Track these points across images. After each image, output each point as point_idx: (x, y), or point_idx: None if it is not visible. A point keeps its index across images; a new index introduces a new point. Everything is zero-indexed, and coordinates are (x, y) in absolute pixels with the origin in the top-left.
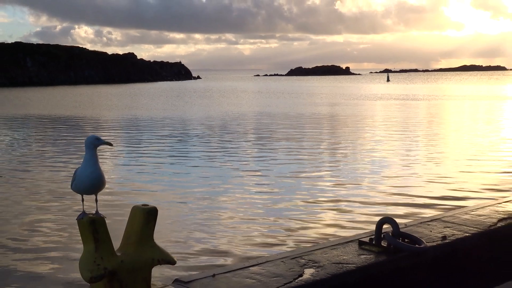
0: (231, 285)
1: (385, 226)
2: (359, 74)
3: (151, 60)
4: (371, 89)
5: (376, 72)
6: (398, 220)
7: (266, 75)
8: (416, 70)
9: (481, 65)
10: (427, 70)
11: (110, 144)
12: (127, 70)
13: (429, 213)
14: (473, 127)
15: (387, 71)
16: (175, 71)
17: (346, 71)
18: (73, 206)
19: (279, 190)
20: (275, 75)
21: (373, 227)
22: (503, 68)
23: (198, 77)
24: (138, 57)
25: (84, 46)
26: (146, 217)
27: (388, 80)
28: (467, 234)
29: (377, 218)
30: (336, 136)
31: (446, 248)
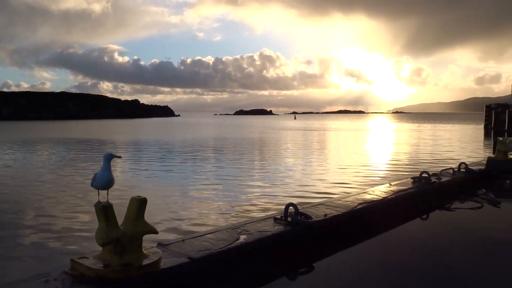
0: (194, 246)
1: (290, 208)
2: (277, 114)
3: (149, 104)
4: (284, 124)
5: (288, 113)
6: (298, 204)
7: (221, 114)
8: (312, 112)
9: (350, 110)
10: (318, 112)
11: (120, 157)
12: (133, 110)
13: (317, 200)
14: (346, 146)
15: (294, 112)
16: (164, 111)
17: (270, 113)
18: (94, 197)
19: (226, 186)
20: (226, 114)
21: (283, 208)
22: (363, 112)
23: (179, 115)
24: (141, 102)
25: (106, 95)
26: (139, 204)
27: (295, 118)
28: (339, 213)
29: (286, 203)
30: (262, 152)
31: (326, 222)
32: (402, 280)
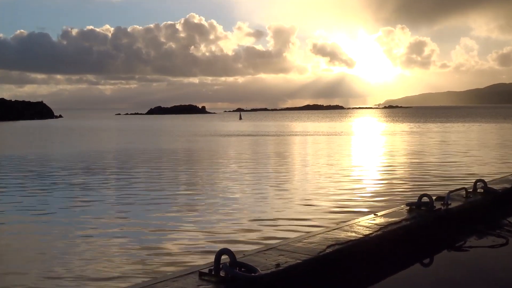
0: None
1: (223, 256)
2: (214, 113)
3: (13, 100)
4: (224, 127)
5: (229, 111)
6: (237, 251)
7: (127, 114)
8: (266, 109)
9: (322, 105)
10: (275, 109)
11: None
12: None
13: (266, 242)
14: (314, 160)
15: (239, 110)
16: (37, 110)
17: (202, 110)
18: None
19: (128, 227)
20: (135, 114)
21: (213, 258)
22: (341, 107)
23: (60, 116)
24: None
25: None
26: None
27: (240, 118)
28: (299, 261)
29: (221, 247)
30: (188, 172)
31: (279, 275)
32: None
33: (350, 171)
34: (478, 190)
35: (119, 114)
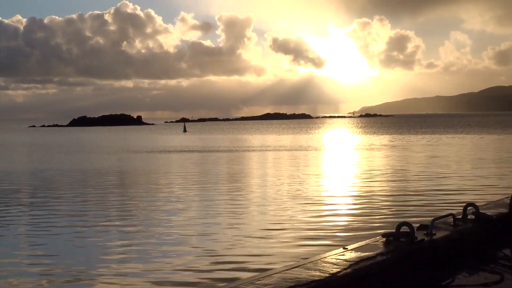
0: None
1: None
2: (152, 124)
3: None
4: (165, 141)
5: (171, 122)
6: None
7: (43, 126)
8: (216, 119)
9: (285, 113)
10: (228, 119)
11: None
12: None
13: (211, 284)
14: (275, 182)
15: (184, 120)
16: None
17: (138, 121)
18: None
19: (49, 265)
20: (54, 125)
21: None
22: (308, 116)
23: None
24: None
25: None
26: None
27: (185, 130)
28: None
29: None
30: (122, 197)
31: None
32: None
33: (317, 195)
34: (469, 217)
35: (34, 126)
